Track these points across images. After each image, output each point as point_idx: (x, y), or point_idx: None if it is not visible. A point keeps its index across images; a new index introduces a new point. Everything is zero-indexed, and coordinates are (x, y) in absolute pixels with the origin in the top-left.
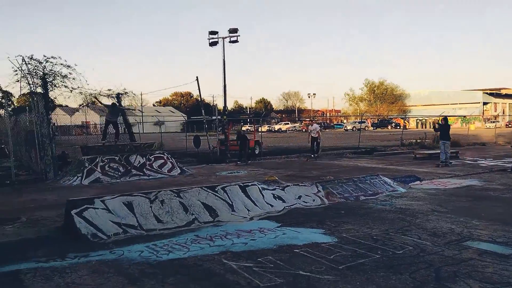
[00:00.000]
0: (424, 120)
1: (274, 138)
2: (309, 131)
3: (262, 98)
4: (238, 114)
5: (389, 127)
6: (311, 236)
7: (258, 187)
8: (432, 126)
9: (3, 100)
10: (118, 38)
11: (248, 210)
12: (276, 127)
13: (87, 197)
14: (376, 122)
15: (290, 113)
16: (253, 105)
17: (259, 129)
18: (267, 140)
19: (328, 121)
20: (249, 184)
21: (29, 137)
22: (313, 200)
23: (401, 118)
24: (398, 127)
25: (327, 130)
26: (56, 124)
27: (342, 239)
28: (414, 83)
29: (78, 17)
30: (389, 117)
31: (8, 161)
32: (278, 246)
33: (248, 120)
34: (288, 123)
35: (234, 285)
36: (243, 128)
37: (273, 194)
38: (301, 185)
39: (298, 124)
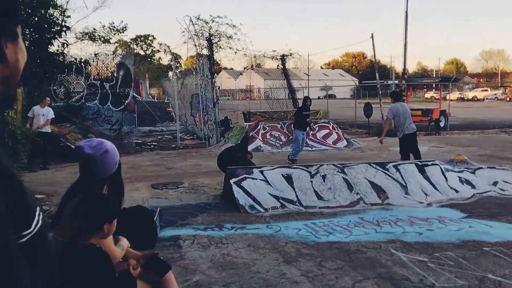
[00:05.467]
0: None
1: (466, 109)
2: None
3: (454, 58)
4: (421, 78)
5: None
6: (508, 232)
7: (441, 168)
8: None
9: (172, 62)
10: None
11: (426, 195)
12: (470, 94)
13: (246, 167)
14: None
15: (490, 77)
16: (441, 67)
17: (447, 97)
18: (457, 110)
19: None
20: (429, 163)
21: (194, 101)
22: None
23: None
24: None
25: None
26: (220, 88)
27: None
28: None
29: None
30: None
31: (174, 125)
32: (462, 241)
33: (434, 85)
34: (486, 90)
35: (403, 281)
36: (427, 95)
37: (460, 177)
38: (499, 168)
39: (500, 92)
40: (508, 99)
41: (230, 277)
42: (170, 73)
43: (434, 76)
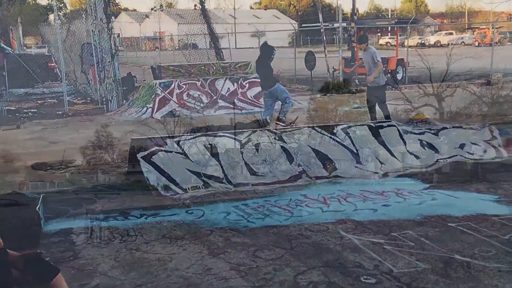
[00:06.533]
0: None
1: (428, 56)
2: None
3: None
4: (374, 19)
5: None
6: (476, 204)
7: (398, 129)
8: None
9: (53, 2)
10: None
11: (381, 163)
12: (432, 39)
13: (157, 136)
14: None
15: (456, 18)
16: (398, 6)
17: (405, 43)
18: (417, 59)
19: None
20: (384, 124)
21: (85, 53)
22: (484, 151)
23: None
24: None
25: None
26: (120, 36)
27: None
28: None
29: None
30: None
31: (59, 85)
32: (424, 217)
33: (389, 28)
34: (451, 33)
35: (355, 268)
36: (382, 41)
37: (421, 140)
38: (466, 128)
39: (467, 35)
40: (477, 43)
41: (141, 277)
42: (52, 17)
43: (390, 17)
